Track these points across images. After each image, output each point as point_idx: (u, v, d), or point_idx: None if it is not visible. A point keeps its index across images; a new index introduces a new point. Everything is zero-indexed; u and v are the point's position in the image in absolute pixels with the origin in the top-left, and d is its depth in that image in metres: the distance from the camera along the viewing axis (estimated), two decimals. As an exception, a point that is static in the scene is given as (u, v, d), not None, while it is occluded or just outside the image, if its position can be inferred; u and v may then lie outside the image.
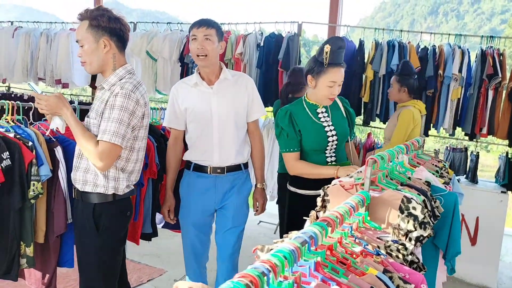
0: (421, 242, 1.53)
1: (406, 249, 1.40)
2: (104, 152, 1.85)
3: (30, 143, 2.16)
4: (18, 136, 2.19)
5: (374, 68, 4.13)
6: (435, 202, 1.75)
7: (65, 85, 5.38)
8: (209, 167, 2.41)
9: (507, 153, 4.02)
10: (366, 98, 4.25)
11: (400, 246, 1.40)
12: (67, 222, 2.31)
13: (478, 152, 4.14)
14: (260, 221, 4.95)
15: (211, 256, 2.61)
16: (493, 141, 4.85)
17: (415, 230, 1.52)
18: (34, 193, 2.15)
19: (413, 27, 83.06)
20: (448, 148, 4.28)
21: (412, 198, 1.56)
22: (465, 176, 4.15)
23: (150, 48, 4.97)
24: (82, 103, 5.18)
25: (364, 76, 4.28)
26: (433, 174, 2.10)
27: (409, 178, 1.87)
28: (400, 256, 1.36)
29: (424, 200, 1.61)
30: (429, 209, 1.62)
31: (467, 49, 4.02)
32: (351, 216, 1.37)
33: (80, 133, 1.89)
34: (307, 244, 1.07)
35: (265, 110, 2.70)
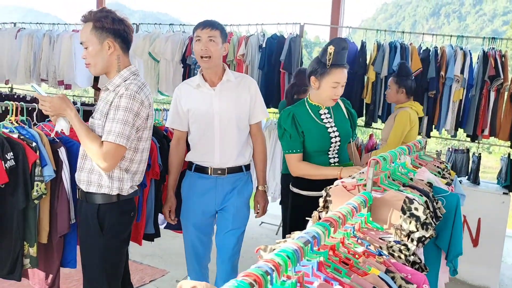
0: (423, 243, 1.53)
1: (408, 250, 1.40)
2: (109, 153, 1.85)
3: (34, 144, 2.17)
4: (22, 137, 2.20)
5: (376, 70, 4.14)
6: (437, 203, 1.75)
7: (68, 86, 5.39)
8: (210, 168, 2.41)
9: (509, 155, 4.02)
10: (368, 100, 4.25)
11: (402, 247, 1.40)
12: (70, 223, 2.32)
13: (480, 154, 4.14)
14: (262, 222, 4.95)
15: (213, 257, 2.61)
16: (495, 143, 4.84)
17: (417, 231, 1.52)
18: (38, 194, 2.16)
19: (415, 29, 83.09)
20: (450, 150, 4.28)
21: (414, 199, 1.56)
22: (467, 178, 4.15)
23: (153, 50, 4.98)
24: (85, 104, 5.19)
25: (366, 78, 4.29)
26: (435, 175, 2.10)
27: (411, 179, 1.87)
28: (402, 257, 1.36)
29: (426, 201, 1.61)
30: (431, 210, 1.62)
31: (469, 51, 4.02)
32: (354, 217, 1.38)
33: (85, 134, 1.89)
34: (310, 244, 1.07)
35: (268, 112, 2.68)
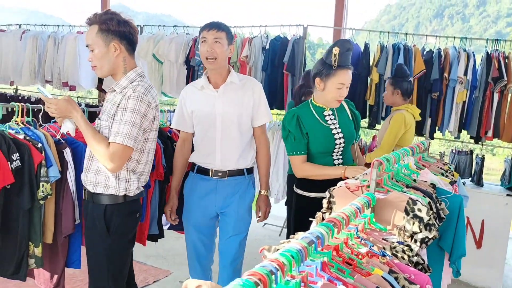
0: (426, 244, 1.54)
1: (412, 251, 1.40)
2: (116, 154, 1.86)
3: (40, 145, 2.19)
4: (28, 138, 2.21)
5: (379, 71, 4.14)
6: (440, 204, 1.75)
7: (72, 88, 5.41)
8: (211, 170, 2.40)
9: (513, 156, 4.01)
10: (372, 101, 4.26)
11: (406, 248, 1.40)
12: (75, 223, 2.34)
13: (484, 155, 4.14)
14: (265, 223, 4.95)
15: (216, 259, 2.60)
16: (499, 144, 4.83)
17: (421, 232, 1.53)
18: (43, 194, 2.17)
19: (418, 30, 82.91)
20: (454, 151, 4.28)
21: (418, 200, 1.57)
22: (471, 179, 4.14)
23: (157, 51, 5.00)
24: (89, 106, 5.21)
25: (369, 79, 4.29)
26: (438, 176, 2.11)
27: (415, 181, 1.88)
28: (406, 257, 1.36)
29: (430, 202, 1.61)
30: (435, 211, 1.62)
31: (472, 52, 4.02)
32: (357, 218, 1.38)
33: (91, 135, 1.90)
34: (314, 244, 1.08)
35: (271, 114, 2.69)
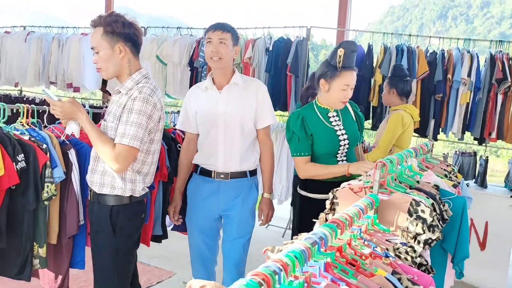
0: (430, 245, 1.54)
1: (415, 252, 1.40)
2: (121, 155, 1.86)
3: (44, 146, 2.20)
4: (33, 139, 2.23)
5: (383, 73, 4.14)
6: (444, 206, 1.75)
7: (76, 89, 5.44)
8: (214, 172, 2.39)
9: (517, 158, 4.01)
10: (375, 103, 4.26)
11: (409, 249, 1.41)
12: (79, 224, 2.35)
13: (487, 157, 4.13)
14: (268, 225, 4.96)
15: (220, 261, 2.59)
16: (503, 146, 4.82)
17: (424, 233, 1.53)
18: (48, 195, 2.19)
19: (422, 32, 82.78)
20: (457, 153, 4.27)
21: (421, 201, 1.57)
22: (474, 181, 4.14)
23: (160, 53, 5.02)
24: (94, 107, 5.24)
25: (373, 81, 4.30)
26: (442, 178, 2.11)
27: (418, 182, 1.88)
28: (409, 258, 1.37)
29: (433, 203, 1.62)
30: (438, 212, 1.63)
31: (476, 54, 4.02)
32: (360, 219, 1.39)
33: (96, 136, 1.91)
34: (317, 245, 1.08)
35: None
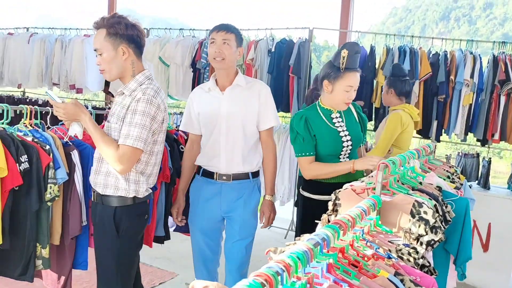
0: (432, 246, 1.54)
1: (417, 253, 1.40)
2: (125, 156, 1.87)
3: (48, 147, 2.21)
4: (36, 140, 2.24)
5: (385, 74, 4.13)
6: (446, 207, 1.75)
7: (79, 90, 5.46)
8: (216, 174, 2.39)
9: (520, 159, 4.00)
10: (378, 104, 4.26)
11: (411, 250, 1.40)
12: (82, 225, 2.36)
13: (490, 158, 4.12)
14: (271, 226, 4.95)
15: (222, 262, 2.59)
16: (506, 147, 4.81)
17: (426, 235, 1.52)
18: (51, 196, 2.19)
19: (424, 33, 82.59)
20: (460, 154, 4.27)
21: (423, 203, 1.57)
22: (477, 182, 4.12)
23: (163, 54, 5.03)
24: (96, 108, 5.25)
25: (375, 82, 4.30)
26: (444, 180, 2.10)
27: (421, 183, 1.88)
28: (411, 260, 1.36)
29: (436, 205, 1.61)
30: (440, 214, 1.62)
31: (479, 55, 4.01)
32: (363, 220, 1.39)
33: (100, 137, 1.91)
34: (320, 246, 1.08)
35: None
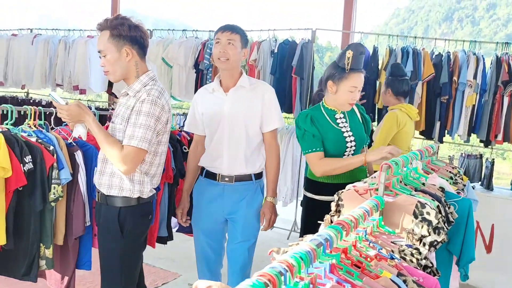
0: (435, 247, 1.54)
1: (420, 254, 1.40)
2: (129, 156, 1.87)
3: (51, 147, 2.22)
4: (40, 141, 2.24)
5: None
6: (449, 208, 1.75)
7: (83, 91, 5.48)
8: (218, 175, 2.38)
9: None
10: (381, 105, 4.25)
11: (414, 251, 1.41)
12: (85, 225, 2.37)
13: (494, 159, 4.11)
14: (274, 227, 4.94)
15: (225, 263, 2.59)
16: (509, 148, 4.79)
17: (429, 235, 1.52)
18: (55, 196, 2.20)
19: (428, 34, 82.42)
20: (463, 155, 4.26)
21: (426, 204, 1.57)
22: (480, 183, 4.11)
23: (166, 55, 5.04)
24: (100, 109, 5.27)
25: (378, 83, 4.29)
26: (447, 181, 2.10)
27: (423, 184, 1.88)
28: (414, 260, 1.37)
29: (438, 206, 1.61)
30: (443, 215, 1.62)
31: (482, 56, 4.01)
32: (366, 221, 1.39)
33: (103, 138, 1.92)
34: (323, 247, 1.09)
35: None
